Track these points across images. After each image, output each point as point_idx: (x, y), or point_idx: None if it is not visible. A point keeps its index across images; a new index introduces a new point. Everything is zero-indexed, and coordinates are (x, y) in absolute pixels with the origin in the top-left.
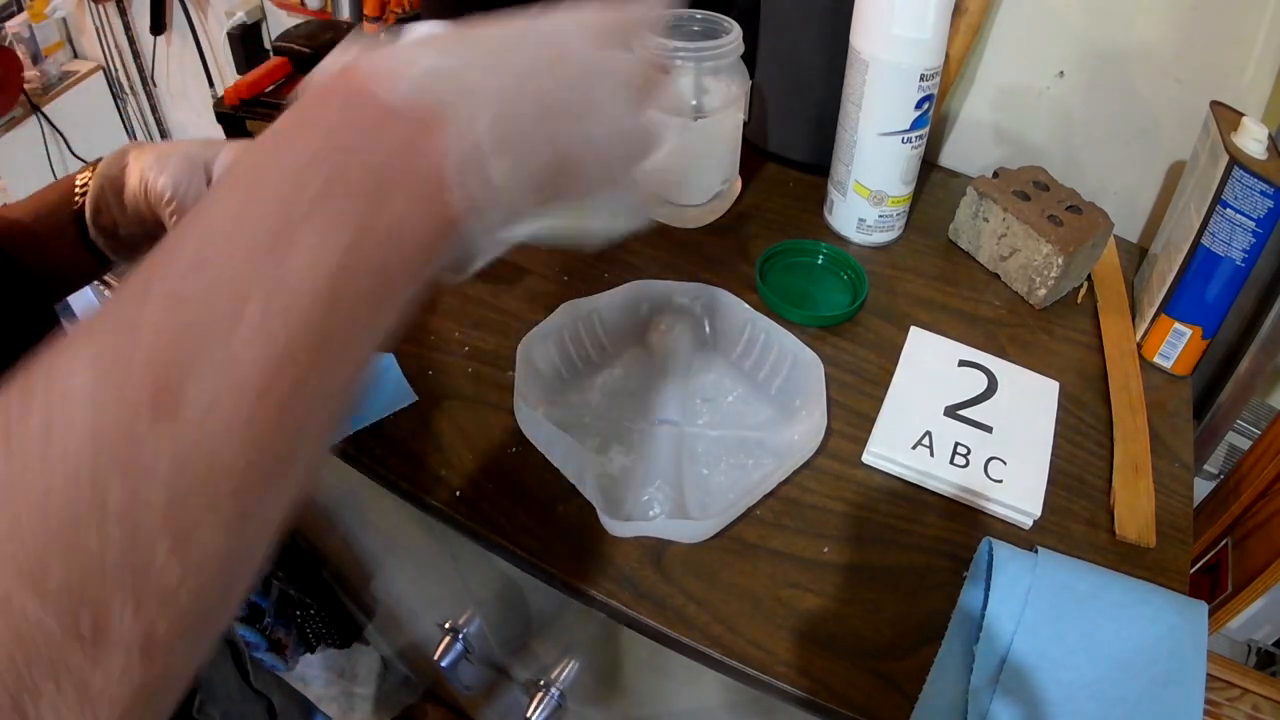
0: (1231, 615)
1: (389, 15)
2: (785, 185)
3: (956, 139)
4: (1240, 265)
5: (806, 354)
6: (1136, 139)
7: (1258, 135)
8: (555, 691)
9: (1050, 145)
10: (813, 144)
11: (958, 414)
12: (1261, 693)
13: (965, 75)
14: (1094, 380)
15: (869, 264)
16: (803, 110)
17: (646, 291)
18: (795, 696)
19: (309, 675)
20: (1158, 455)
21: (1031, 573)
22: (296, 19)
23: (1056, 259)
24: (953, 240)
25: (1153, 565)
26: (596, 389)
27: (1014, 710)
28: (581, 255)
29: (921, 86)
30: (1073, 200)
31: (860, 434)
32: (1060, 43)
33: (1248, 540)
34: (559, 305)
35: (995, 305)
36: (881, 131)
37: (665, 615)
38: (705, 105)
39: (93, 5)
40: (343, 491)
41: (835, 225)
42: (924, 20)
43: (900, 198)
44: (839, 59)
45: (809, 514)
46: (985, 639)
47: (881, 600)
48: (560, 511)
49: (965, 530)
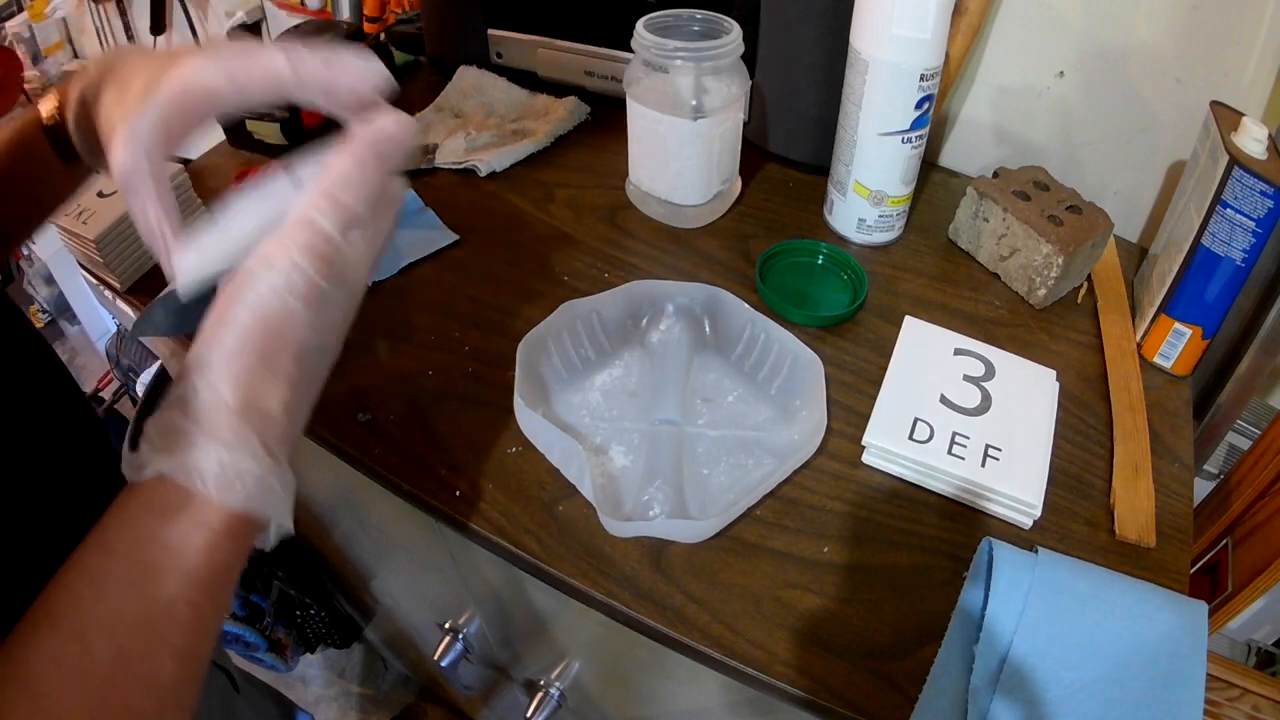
0: (1231, 615)
1: (389, 15)
2: (785, 185)
3: (956, 139)
4: (1240, 265)
5: (806, 354)
6: (1136, 139)
7: (1258, 135)
8: (555, 691)
9: (1050, 145)
10: (813, 144)
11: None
12: (1261, 693)
13: (965, 75)
14: (1094, 380)
15: (869, 264)
16: (803, 110)
17: (646, 291)
18: (795, 696)
19: (309, 675)
20: (1158, 455)
21: (1031, 573)
22: (296, 19)
23: (1056, 259)
24: (953, 240)
25: (1153, 565)
26: (596, 389)
27: (1014, 710)
28: (581, 255)
29: (921, 86)
30: (1073, 200)
31: (860, 434)
32: (1060, 43)
33: (1248, 540)
34: (559, 305)
35: (995, 305)
36: (881, 131)
37: (665, 615)
38: (705, 105)
39: (93, 5)
40: (343, 491)
41: (835, 225)
42: (924, 20)
43: (900, 198)
44: (839, 59)
45: (809, 514)
46: (985, 639)
47: (881, 600)
48: (560, 511)
49: (965, 530)
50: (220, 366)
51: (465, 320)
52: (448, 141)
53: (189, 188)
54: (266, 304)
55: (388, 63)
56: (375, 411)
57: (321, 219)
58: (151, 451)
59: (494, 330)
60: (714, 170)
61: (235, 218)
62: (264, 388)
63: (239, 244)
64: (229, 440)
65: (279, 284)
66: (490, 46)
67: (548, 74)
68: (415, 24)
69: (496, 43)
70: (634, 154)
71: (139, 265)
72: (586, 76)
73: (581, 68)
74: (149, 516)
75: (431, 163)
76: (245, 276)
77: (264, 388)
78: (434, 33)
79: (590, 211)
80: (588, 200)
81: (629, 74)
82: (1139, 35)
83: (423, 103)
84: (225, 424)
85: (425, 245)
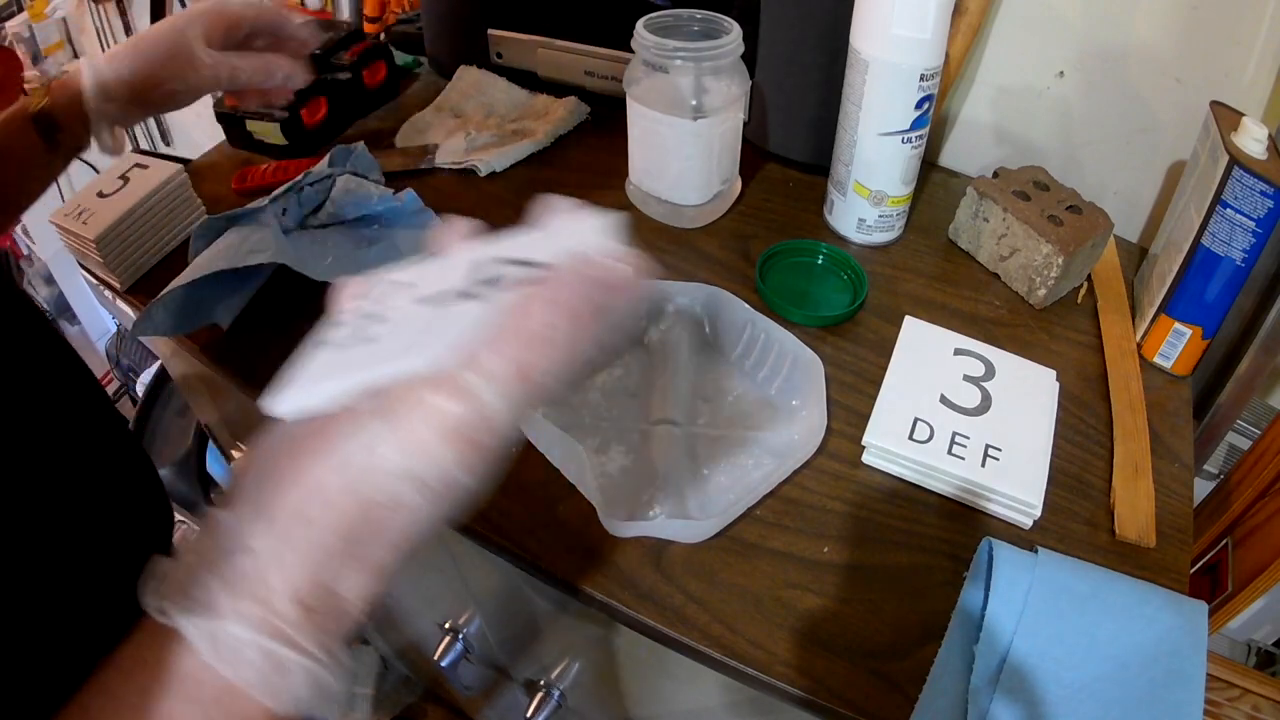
0: (1231, 615)
1: (389, 15)
2: (785, 185)
3: (956, 139)
4: (1240, 265)
5: (806, 354)
6: (1136, 139)
7: (1258, 135)
8: (555, 691)
9: (1050, 145)
10: (813, 144)
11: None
12: (1261, 693)
13: (965, 75)
14: (1094, 380)
15: (869, 264)
16: (803, 110)
17: (646, 291)
18: (795, 696)
19: None
20: (1158, 455)
21: (1031, 573)
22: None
23: (1056, 259)
24: (953, 240)
25: (1153, 565)
26: (596, 389)
27: (1014, 710)
28: None
29: (921, 86)
30: (1073, 200)
31: (860, 434)
32: (1060, 43)
33: (1248, 540)
34: None
35: (995, 305)
36: (881, 131)
37: (665, 615)
38: (705, 105)
39: (93, 5)
40: None
41: (835, 225)
42: (924, 20)
43: (900, 198)
44: (839, 59)
45: (809, 514)
46: (985, 639)
47: (881, 600)
48: (560, 511)
49: (965, 530)
50: (289, 537)
51: None
52: (448, 141)
53: (189, 188)
54: (378, 487)
55: (388, 62)
56: None
57: (488, 393)
58: (176, 608)
59: None
60: (714, 170)
61: (369, 339)
62: (342, 573)
63: (364, 381)
64: (279, 631)
65: (400, 468)
66: (490, 46)
67: (548, 74)
68: (415, 24)
69: (496, 43)
70: (634, 154)
71: (139, 265)
72: (586, 76)
73: (581, 68)
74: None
75: (431, 163)
76: (353, 429)
77: (342, 573)
78: (434, 33)
79: None
80: (587, 200)
81: (629, 74)
82: (1139, 35)
83: (423, 103)
84: (279, 612)
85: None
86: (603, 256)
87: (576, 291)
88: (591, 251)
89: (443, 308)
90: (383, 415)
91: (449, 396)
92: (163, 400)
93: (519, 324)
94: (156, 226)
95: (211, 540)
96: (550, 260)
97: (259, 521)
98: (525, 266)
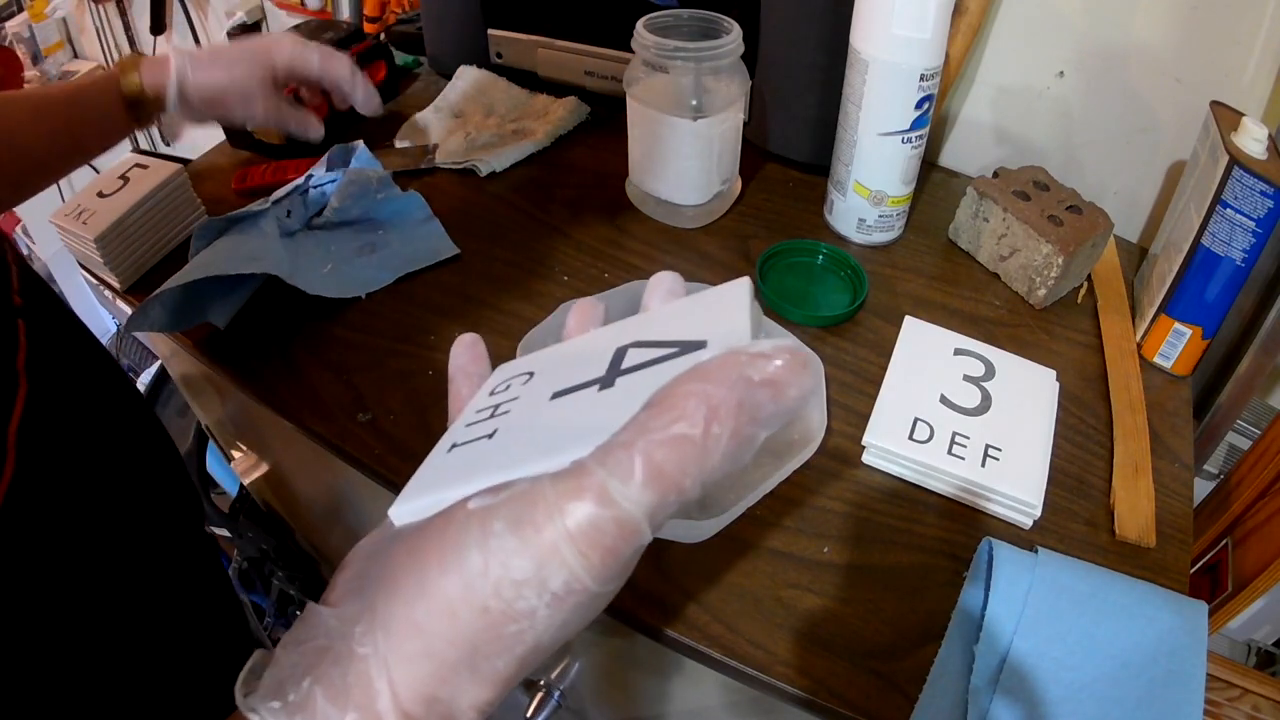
0: (1231, 615)
1: (389, 15)
2: (785, 185)
3: (956, 139)
4: (1240, 265)
5: None
6: (1136, 139)
7: (1258, 135)
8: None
9: (1050, 145)
10: (813, 144)
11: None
12: (1261, 693)
13: (965, 75)
14: (1094, 380)
15: (869, 264)
16: (803, 110)
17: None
18: (795, 696)
19: None
20: (1158, 455)
21: (1031, 573)
22: (296, 19)
23: (1056, 259)
24: (953, 240)
25: (1153, 565)
26: None
27: (1014, 710)
28: (581, 255)
29: (921, 86)
30: (1073, 200)
31: (860, 434)
32: (1060, 43)
33: (1248, 540)
34: (558, 305)
35: (995, 305)
36: (881, 131)
37: (665, 615)
38: (705, 105)
39: (93, 5)
40: (343, 491)
41: (835, 225)
42: (924, 20)
43: (900, 198)
44: (839, 59)
45: (809, 514)
46: (985, 639)
47: (881, 600)
48: None
49: (965, 530)
50: (402, 648)
51: (465, 320)
52: (448, 141)
53: (189, 188)
54: (505, 599)
55: (388, 62)
56: (375, 411)
57: (627, 500)
58: (271, 713)
59: (494, 330)
60: (714, 170)
61: (503, 436)
62: (460, 686)
63: (491, 479)
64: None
65: (530, 579)
66: (490, 46)
67: (548, 74)
68: (415, 24)
69: (496, 43)
70: (634, 154)
71: (139, 265)
72: (586, 76)
73: (581, 68)
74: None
75: (431, 162)
76: (481, 535)
77: (460, 686)
78: (434, 33)
79: (590, 211)
80: (587, 200)
81: (629, 74)
82: (1139, 35)
83: (423, 103)
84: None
85: (427, 256)
86: (760, 348)
87: (732, 390)
88: (747, 340)
89: (581, 401)
90: (513, 522)
91: (585, 501)
92: (163, 400)
93: (665, 423)
94: (156, 226)
95: (313, 641)
96: (697, 341)
97: (373, 629)
98: (671, 356)
